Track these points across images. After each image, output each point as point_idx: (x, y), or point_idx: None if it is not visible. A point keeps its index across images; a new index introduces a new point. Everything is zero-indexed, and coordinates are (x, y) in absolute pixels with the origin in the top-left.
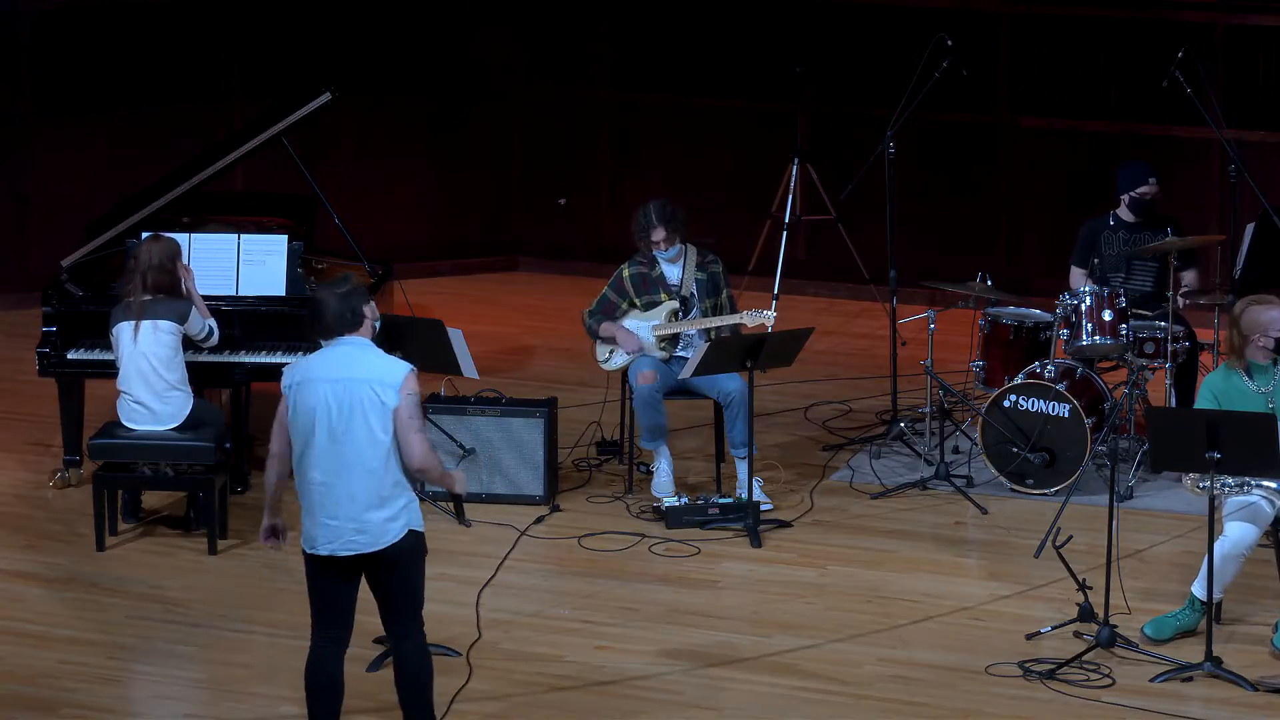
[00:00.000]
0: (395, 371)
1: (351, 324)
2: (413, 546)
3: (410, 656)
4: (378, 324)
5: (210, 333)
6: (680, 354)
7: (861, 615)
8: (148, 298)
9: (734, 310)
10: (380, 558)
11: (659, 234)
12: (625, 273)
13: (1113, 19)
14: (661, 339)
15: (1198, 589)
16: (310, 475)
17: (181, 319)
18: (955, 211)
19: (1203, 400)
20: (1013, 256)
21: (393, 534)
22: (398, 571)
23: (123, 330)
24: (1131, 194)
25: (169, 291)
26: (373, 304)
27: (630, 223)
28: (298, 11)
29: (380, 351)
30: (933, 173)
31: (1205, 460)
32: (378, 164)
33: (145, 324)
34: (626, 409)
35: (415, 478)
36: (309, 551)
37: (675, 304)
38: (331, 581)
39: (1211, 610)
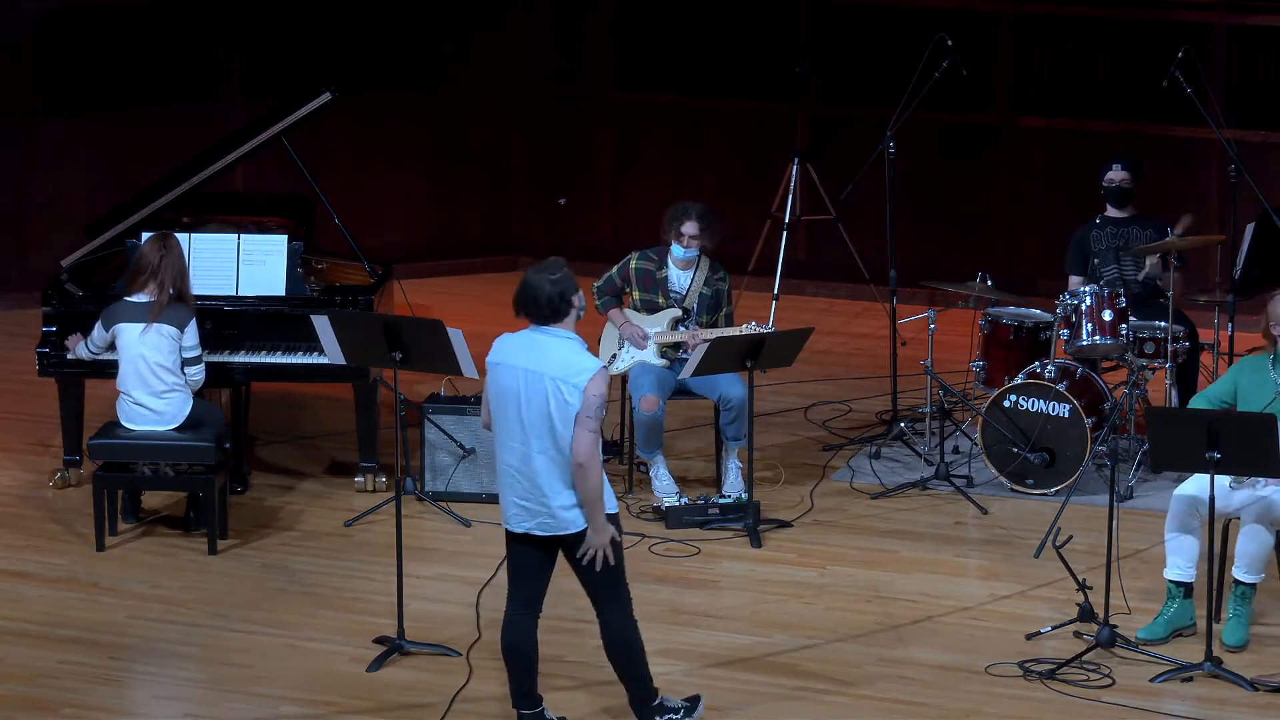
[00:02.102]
0: (582, 371)
1: (558, 314)
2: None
3: (612, 631)
4: (581, 313)
5: (196, 359)
6: (683, 357)
7: (861, 615)
8: (162, 301)
9: (730, 326)
10: (576, 540)
11: (691, 228)
12: (633, 263)
13: (1113, 19)
14: (663, 346)
15: (1169, 574)
16: (504, 456)
17: (180, 326)
18: (955, 211)
19: (1224, 378)
20: (1013, 256)
21: (584, 519)
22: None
23: (125, 330)
24: (1103, 185)
25: (183, 297)
26: (580, 293)
27: (631, 223)
28: (298, 11)
29: (575, 345)
30: (932, 173)
31: (1205, 460)
32: (378, 164)
33: (151, 325)
34: (626, 411)
35: (575, 475)
36: (506, 527)
37: (678, 312)
38: (525, 555)
39: (1211, 608)
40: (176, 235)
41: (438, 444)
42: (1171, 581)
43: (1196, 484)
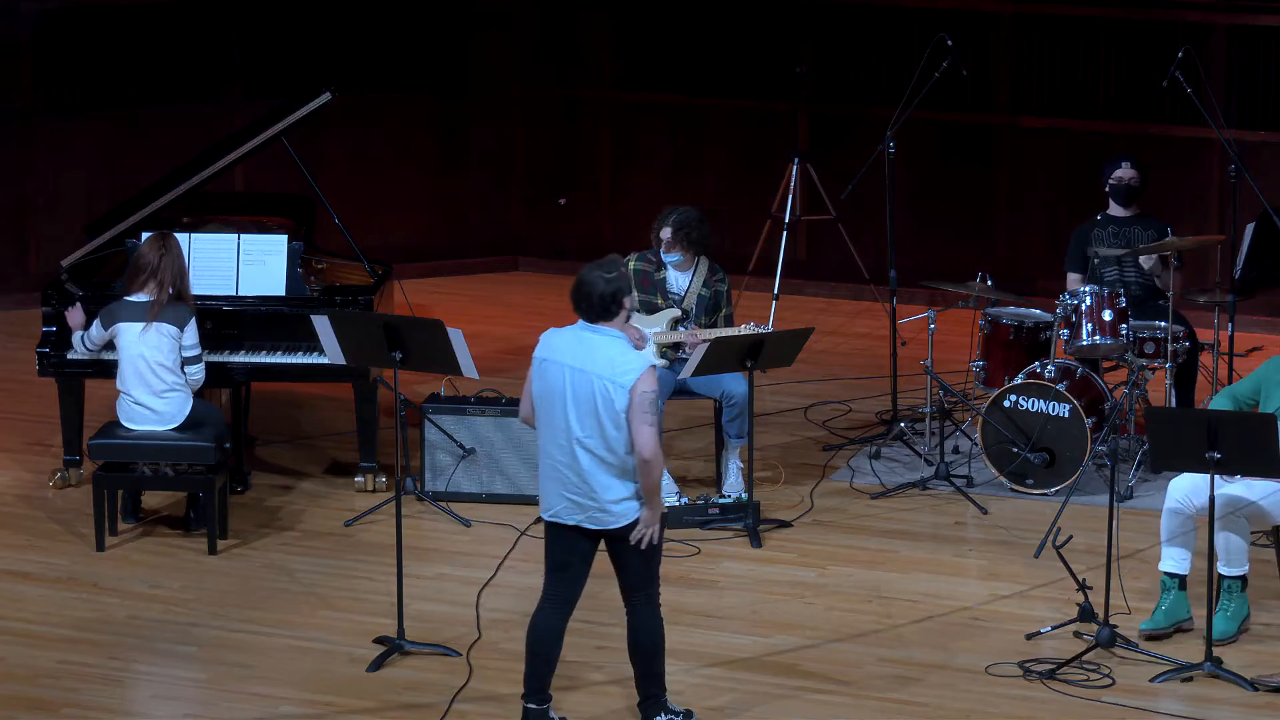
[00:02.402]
0: (629, 371)
1: (609, 313)
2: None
3: (642, 623)
4: (633, 311)
5: (196, 358)
6: (683, 357)
7: (861, 615)
8: (162, 301)
9: (729, 327)
10: (624, 532)
11: (666, 233)
12: (630, 264)
13: (1113, 19)
14: (662, 346)
15: (1162, 565)
16: (550, 452)
17: (180, 325)
18: (955, 211)
19: (1251, 376)
20: (1013, 257)
21: (634, 511)
22: (635, 547)
23: (125, 330)
24: (1109, 180)
25: (183, 297)
26: (633, 294)
27: (631, 223)
28: (298, 11)
29: (622, 344)
30: (933, 172)
31: (1205, 460)
32: (378, 164)
33: (151, 324)
34: None
35: (639, 470)
36: (550, 520)
37: (678, 312)
38: (569, 548)
39: (1212, 605)
40: (177, 235)
41: (438, 444)
42: (1165, 574)
43: (1180, 495)
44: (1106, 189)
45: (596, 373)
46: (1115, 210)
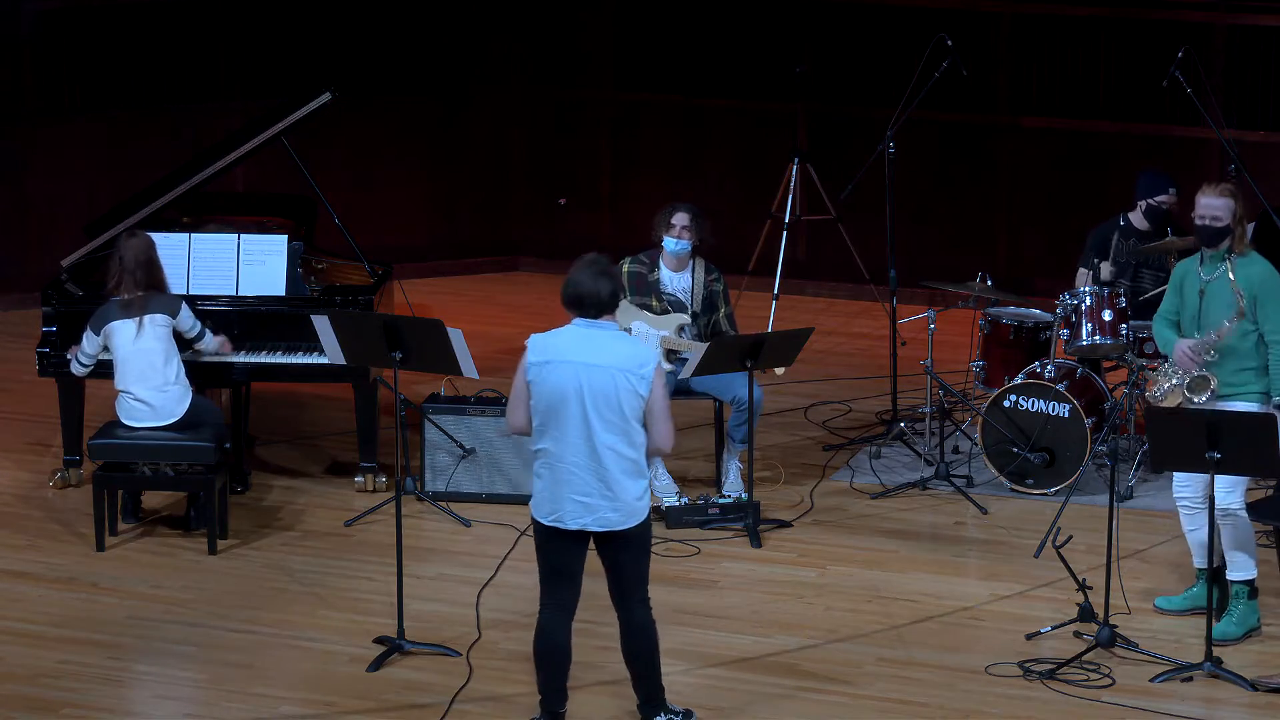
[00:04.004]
0: (647, 361)
1: (613, 309)
2: (650, 523)
3: (639, 625)
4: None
5: (201, 333)
6: (684, 357)
7: (861, 615)
8: (141, 294)
9: (733, 328)
10: (624, 533)
11: (682, 219)
12: (625, 268)
13: (1113, 19)
14: (667, 350)
15: (1194, 561)
16: (563, 454)
17: (173, 313)
18: (955, 211)
19: (1168, 292)
20: (1013, 256)
21: (641, 512)
22: (634, 547)
23: (118, 329)
24: (1149, 200)
25: (159, 287)
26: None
27: (631, 223)
28: (298, 12)
29: (628, 338)
30: (933, 173)
31: (1205, 460)
32: (378, 164)
33: (143, 319)
34: None
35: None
36: (551, 524)
37: (686, 318)
38: (569, 552)
39: (1212, 604)
40: (177, 235)
41: (438, 444)
42: (1197, 568)
43: (1179, 483)
44: (1143, 206)
45: (617, 366)
46: (1139, 222)
